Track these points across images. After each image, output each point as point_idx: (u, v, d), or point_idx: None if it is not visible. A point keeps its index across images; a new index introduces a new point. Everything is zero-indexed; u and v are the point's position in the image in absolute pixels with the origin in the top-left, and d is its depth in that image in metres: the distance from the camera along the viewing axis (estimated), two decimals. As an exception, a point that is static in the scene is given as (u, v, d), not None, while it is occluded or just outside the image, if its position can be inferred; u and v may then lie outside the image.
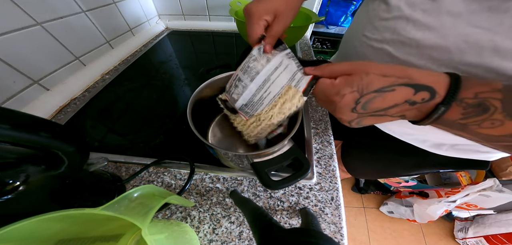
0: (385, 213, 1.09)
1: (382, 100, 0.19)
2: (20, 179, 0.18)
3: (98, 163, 0.27)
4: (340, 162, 0.60)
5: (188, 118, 0.30)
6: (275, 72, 0.27)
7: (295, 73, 0.27)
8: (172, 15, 0.91)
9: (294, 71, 0.27)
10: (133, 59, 0.68)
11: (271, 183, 0.23)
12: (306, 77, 0.26)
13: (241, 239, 0.28)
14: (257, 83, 0.28)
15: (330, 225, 0.29)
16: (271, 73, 0.27)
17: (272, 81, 0.27)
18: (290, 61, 0.27)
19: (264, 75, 0.27)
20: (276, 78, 0.27)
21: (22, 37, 0.41)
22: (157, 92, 0.54)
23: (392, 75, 0.19)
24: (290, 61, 0.27)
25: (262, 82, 0.28)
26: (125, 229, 0.24)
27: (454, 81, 0.17)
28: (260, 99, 0.28)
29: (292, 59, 0.28)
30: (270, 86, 0.27)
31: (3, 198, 0.17)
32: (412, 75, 0.18)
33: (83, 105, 0.49)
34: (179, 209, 0.31)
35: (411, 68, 0.19)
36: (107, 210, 0.14)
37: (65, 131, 0.20)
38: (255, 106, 0.29)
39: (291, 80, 0.27)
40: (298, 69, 0.27)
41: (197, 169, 0.35)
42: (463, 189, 0.74)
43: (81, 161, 0.22)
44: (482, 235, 0.88)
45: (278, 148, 0.26)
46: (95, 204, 0.15)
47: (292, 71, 0.27)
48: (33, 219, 0.14)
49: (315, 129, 0.42)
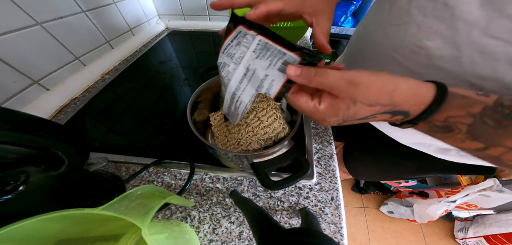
0: (385, 213, 1.09)
1: (361, 120, 0.20)
2: (20, 179, 0.18)
3: (98, 163, 0.27)
4: (342, 163, 0.60)
5: (188, 118, 0.30)
6: (244, 79, 0.24)
7: (262, 80, 0.23)
8: (172, 15, 0.91)
9: (261, 78, 0.23)
10: (133, 59, 0.68)
11: (270, 184, 0.23)
12: (279, 78, 0.22)
13: (241, 239, 0.28)
14: (229, 93, 0.26)
15: (330, 225, 0.29)
16: (240, 81, 0.25)
17: (243, 89, 0.25)
18: (259, 61, 0.23)
19: (234, 85, 0.25)
20: (246, 87, 0.25)
21: (22, 37, 0.41)
22: (157, 92, 0.54)
23: (378, 104, 0.18)
24: (259, 63, 0.23)
25: (232, 94, 0.26)
26: (125, 229, 0.24)
27: (433, 104, 0.17)
28: (235, 110, 0.27)
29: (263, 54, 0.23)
30: (240, 96, 0.25)
31: (3, 198, 0.17)
32: (396, 102, 0.17)
33: (83, 105, 0.49)
34: (179, 209, 0.31)
35: (398, 91, 0.17)
36: (107, 210, 0.14)
37: (65, 131, 0.21)
38: (234, 116, 0.28)
39: (260, 88, 0.23)
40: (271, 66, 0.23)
41: (197, 169, 0.35)
42: (463, 189, 0.74)
43: (81, 161, 0.22)
44: (482, 235, 0.88)
45: (278, 148, 0.26)
46: (95, 204, 0.15)
47: (260, 76, 0.23)
48: (33, 219, 0.14)
49: (315, 129, 0.42)
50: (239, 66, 0.24)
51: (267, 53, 0.23)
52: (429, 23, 0.23)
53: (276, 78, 0.22)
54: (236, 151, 0.31)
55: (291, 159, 0.25)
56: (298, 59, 0.22)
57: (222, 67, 0.26)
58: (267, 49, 0.23)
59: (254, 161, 0.25)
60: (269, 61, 0.23)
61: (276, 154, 0.26)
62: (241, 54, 0.25)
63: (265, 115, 0.32)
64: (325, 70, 0.18)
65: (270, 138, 0.30)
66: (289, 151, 0.26)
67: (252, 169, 0.25)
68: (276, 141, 0.30)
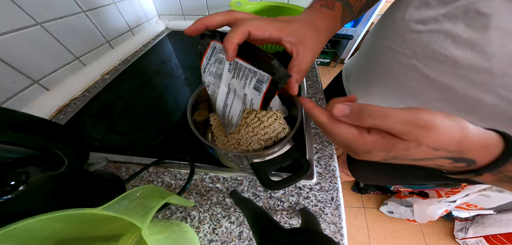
0: (385, 213, 1.09)
1: (414, 161, 0.16)
2: (20, 179, 0.18)
3: (98, 163, 0.27)
4: (345, 166, 0.59)
5: (188, 118, 0.30)
6: (229, 96, 0.25)
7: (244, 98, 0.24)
8: (172, 15, 0.91)
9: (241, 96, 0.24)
10: (133, 59, 0.68)
11: (270, 184, 0.23)
12: (256, 97, 0.23)
13: (241, 239, 0.28)
14: (218, 109, 0.26)
15: (330, 225, 0.29)
16: (226, 98, 0.25)
17: (230, 105, 0.26)
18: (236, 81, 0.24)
19: (221, 103, 0.25)
20: (232, 102, 0.25)
21: (22, 37, 0.41)
22: (157, 92, 0.54)
23: (443, 149, 0.14)
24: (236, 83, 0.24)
25: (222, 110, 0.26)
26: (125, 229, 0.24)
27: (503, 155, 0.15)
28: (229, 122, 0.27)
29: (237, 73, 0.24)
30: (230, 111, 0.26)
31: (3, 198, 0.17)
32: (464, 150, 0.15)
33: (83, 105, 0.49)
34: (179, 209, 0.31)
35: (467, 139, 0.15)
36: (107, 210, 0.14)
37: (65, 131, 0.21)
38: (229, 127, 0.29)
39: (244, 104, 0.24)
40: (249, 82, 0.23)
41: (197, 169, 0.35)
42: (463, 189, 0.74)
43: (81, 161, 0.22)
44: (482, 235, 0.87)
45: (278, 148, 0.26)
46: (95, 204, 0.15)
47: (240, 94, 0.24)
48: (33, 219, 0.14)
49: (315, 129, 0.42)
50: (221, 85, 0.24)
51: (240, 73, 0.23)
52: (458, 31, 0.22)
53: (254, 97, 0.23)
54: (236, 151, 0.31)
55: (291, 159, 0.25)
56: (269, 77, 0.22)
57: (207, 86, 0.26)
58: (239, 68, 0.23)
59: (254, 161, 0.25)
60: (243, 81, 0.23)
61: (276, 154, 0.26)
62: (220, 72, 0.24)
63: (265, 115, 0.32)
64: (384, 112, 0.15)
65: (271, 138, 0.30)
66: (289, 151, 0.26)
67: (252, 169, 0.25)
68: (276, 141, 0.30)
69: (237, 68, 0.23)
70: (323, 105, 0.48)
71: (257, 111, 0.33)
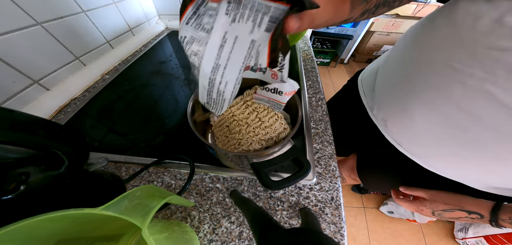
0: (385, 213, 1.09)
1: (449, 214, 0.33)
2: (20, 179, 0.18)
3: (98, 163, 0.27)
4: (354, 171, 0.58)
5: (188, 118, 0.30)
6: (221, 53, 0.18)
7: (249, 49, 0.18)
8: (172, 15, 0.91)
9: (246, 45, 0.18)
10: (133, 59, 0.68)
11: (270, 184, 0.23)
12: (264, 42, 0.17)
13: (241, 239, 0.28)
14: (204, 75, 0.19)
15: (330, 225, 0.29)
16: (217, 56, 0.18)
17: (224, 66, 0.19)
18: (237, 26, 0.17)
19: (209, 64, 0.19)
20: (227, 62, 0.18)
21: (22, 37, 0.41)
22: (157, 92, 0.54)
23: (450, 204, 0.32)
24: (238, 28, 0.17)
25: (210, 75, 0.19)
26: (125, 229, 0.24)
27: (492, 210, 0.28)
28: (219, 95, 0.21)
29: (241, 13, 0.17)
30: (223, 75, 0.19)
31: (3, 198, 0.17)
32: (464, 205, 0.31)
33: (83, 105, 0.49)
34: (179, 209, 0.31)
35: (464, 200, 0.31)
36: (107, 210, 0.14)
37: (65, 131, 0.21)
38: (218, 104, 0.22)
39: (248, 58, 0.18)
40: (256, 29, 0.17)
41: (197, 169, 0.35)
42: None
43: (81, 161, 0.22)
44: (482, 235, 0.87)
45: (278, 148, 0.26)
46: (95, 204, 0.15)
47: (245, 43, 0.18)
48: (33, 219, 0.14)
49: (315, 129, 0.42)
50: (211, 37, 0.18)
51: (246, 11, 0.17)
52: None
53: (263, 42, 0.17)
54: (237, 151, 0.31)
55: (291, 159, 0.25)
56: (286, 8, 0.16)
57: (187, 43, 0.19)
58: (244, 5, 0.17)
59: (254, 161, 0.25)
60: (250, 24, 0.17)
61: (276, 154, 0.26)
62: (211, 20, 0.18)
63: (266, 115, 0.32)
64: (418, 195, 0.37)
65: (272, 138, 0.30)
66: (289, 151, 0.26)
67: (252, 169, 0.25)
68: (277, 141, 0.30)
69: (242, 5, 0.17)
70: (323, 105, 0.48)
71: (258, 111, 0.33)
